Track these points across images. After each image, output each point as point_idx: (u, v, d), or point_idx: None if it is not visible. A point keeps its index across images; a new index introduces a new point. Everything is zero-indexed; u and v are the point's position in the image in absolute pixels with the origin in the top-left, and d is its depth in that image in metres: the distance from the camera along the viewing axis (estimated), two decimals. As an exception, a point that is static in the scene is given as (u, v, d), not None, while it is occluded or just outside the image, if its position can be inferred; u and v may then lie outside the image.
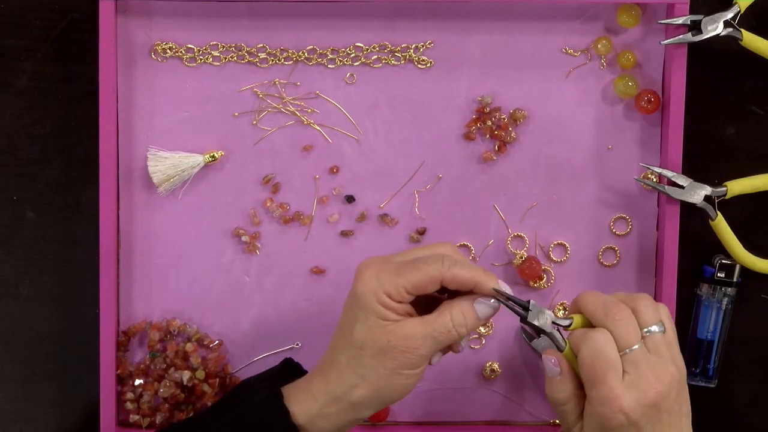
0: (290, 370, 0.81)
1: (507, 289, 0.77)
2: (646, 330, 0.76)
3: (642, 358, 0.75)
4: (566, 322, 0.77)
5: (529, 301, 0.77)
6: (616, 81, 0.91)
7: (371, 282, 0.75)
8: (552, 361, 0.77)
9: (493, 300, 0.76)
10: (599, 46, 0.91)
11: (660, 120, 0.91)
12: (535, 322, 0.77)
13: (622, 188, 0.92)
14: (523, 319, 0.77)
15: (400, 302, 0.75)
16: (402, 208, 0.92)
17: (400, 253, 0.78)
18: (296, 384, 0.78)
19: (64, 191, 0.92)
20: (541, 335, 0.77)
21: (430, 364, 0.78)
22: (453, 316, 0.76)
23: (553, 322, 0.77)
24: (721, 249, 0.90)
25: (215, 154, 0.90)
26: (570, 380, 0.76)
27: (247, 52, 0.91)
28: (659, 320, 0.77)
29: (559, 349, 0.77)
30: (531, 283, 0.92)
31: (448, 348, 0.78)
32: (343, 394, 0.76)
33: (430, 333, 0.75)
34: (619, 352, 0.75)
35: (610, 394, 0.74)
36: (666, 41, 0.89)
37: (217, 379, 0.91)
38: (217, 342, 0.92)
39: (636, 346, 0.75)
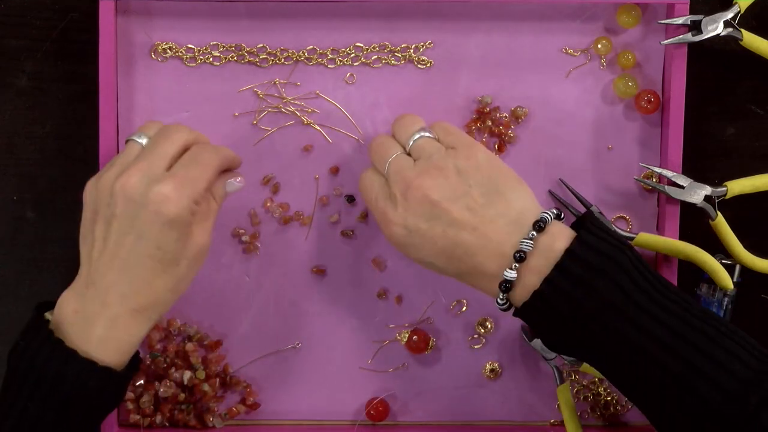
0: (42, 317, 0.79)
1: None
2: (408, 142, 0.80)
3: (398, 167, 0.79)
4: None
5: None
6: (616, 81, 0.91)
7: (182, 201, 0.76)
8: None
9: (239, 179, 0.83)
10: (599, 46, 0.91)
11: (660, 120, 0.91)
12: None
13: (622, 188, 0.92)
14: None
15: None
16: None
17: (149, 154, 0.78)
18: (87, 338, 0.76)
19: (64, 191, 0.92)
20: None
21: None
22: (217, 200, 0.81)
23: None
24: (721, 249, 0.90)
25: (215, 154, 0.90)
26: None
27: (247, 52, 0.91)
28: (419, 129, 0.81)
29: None
30: (531, 283, 0.92)
31: None
32: (162, 312, 0.79)
33: (211, 220, 0.80)
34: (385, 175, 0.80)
35: (380, 212, 0.79)
36: (666, 41, 0.89)
37: (217, 379, 0.91)
38: (216, 342, 0.92)
39: (391, 159, 0.79)
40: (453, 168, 0.77)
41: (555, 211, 0.75)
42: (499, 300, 0.76)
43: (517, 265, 0.74)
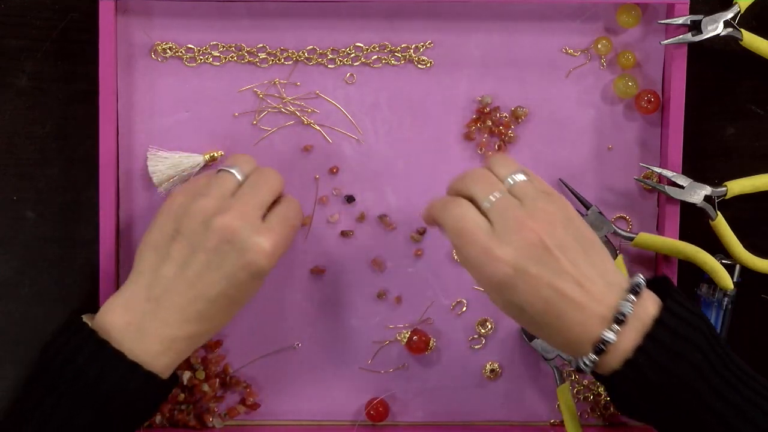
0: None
1: None
2: (507, 182, 0.76)
3: (507, 205, 0.74)
4: None
5: None
6: (616, 81, 0.91)
7: (275, 257, 0.78)
8: None
9: None
10: (599, 46, 0.91)
11: (660, 120, 0.91)
12: None
13: (622, 188, 0.92)
14: None
15: None
16: (402, 209, 0.92)
17: (250, 198, 0.79)
18: (150, 347, 0.77)
19: (64, 191, 0.92)
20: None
21: None
22: None
23: None
24: (721, 249, 0.90)
25: (215, 154, 0.90)
26: None
27: (247, 52, 0.91)
28: (519, 170, 0.77)
29: None
30: (531, 283, 0.92)
31: None
32: (208, 339, 0.81)
33: None
34: (481, 210, 0.74)
35: (483, 249, 0.72)
36: (666, 41, 0.89)
37: (217, 379, 0.91)
38: (216, 342, 0.92)
39: (497, 195, 0.74)
40: (560, 217, 0.74)
41: (642, 277, 0.75)
42: (587, 361, 0.73)
43: (618, 327, 0.72)
